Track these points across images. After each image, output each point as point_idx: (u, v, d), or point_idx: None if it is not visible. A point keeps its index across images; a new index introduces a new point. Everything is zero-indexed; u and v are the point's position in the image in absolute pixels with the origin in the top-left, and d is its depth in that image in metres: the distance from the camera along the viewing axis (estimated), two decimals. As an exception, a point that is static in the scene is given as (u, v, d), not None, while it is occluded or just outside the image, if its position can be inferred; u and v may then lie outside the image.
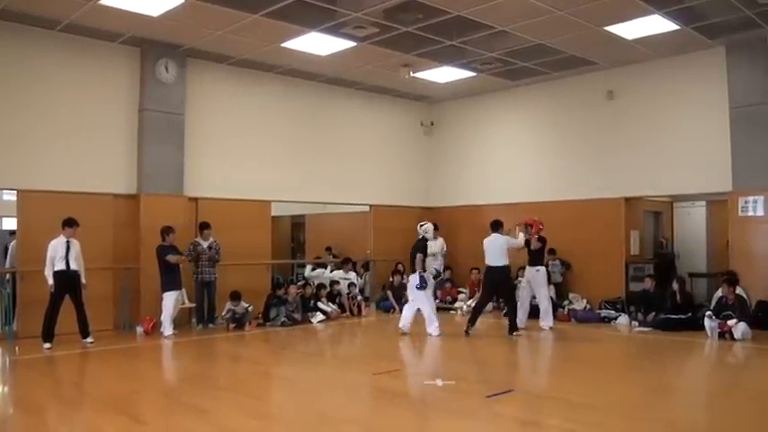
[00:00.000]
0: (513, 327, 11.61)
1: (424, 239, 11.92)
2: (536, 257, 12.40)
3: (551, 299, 13.96)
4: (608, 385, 8.16)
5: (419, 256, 11.57)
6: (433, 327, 11.51)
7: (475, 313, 11.96)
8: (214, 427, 6.28)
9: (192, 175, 13.21)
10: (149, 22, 11.28)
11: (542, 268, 12.51)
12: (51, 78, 11.72)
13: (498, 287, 12.08)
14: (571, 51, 13.15)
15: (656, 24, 11.49)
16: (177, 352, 10.85)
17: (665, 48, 12.81)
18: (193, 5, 10.59)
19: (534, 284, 12.42)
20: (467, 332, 11.65)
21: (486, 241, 11.82)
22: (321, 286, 14.30)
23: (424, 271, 11.61)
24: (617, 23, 11.53)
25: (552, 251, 14.52)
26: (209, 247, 12.56)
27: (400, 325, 11.75)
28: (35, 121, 11.49)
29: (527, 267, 12.48)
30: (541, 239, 12.36)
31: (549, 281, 14.43)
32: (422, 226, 12.05)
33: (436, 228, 15.52)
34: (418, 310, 11.72)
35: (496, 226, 11.88)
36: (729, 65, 12.59)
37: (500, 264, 11.64)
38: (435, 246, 15.87)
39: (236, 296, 12.57)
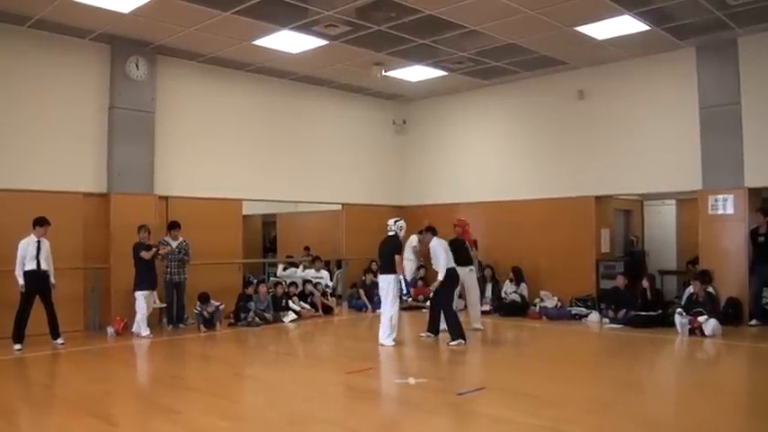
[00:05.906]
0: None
1: (398, 237, 10.80)
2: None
3: (523, 297, 14.16)
4: (579, 382, 8.24)
5: (398, 257, 10.49)
6: (390, 336, 10.46)
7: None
8: (186, 428, 6.23)
9: (163, 173, 13.08)
10: (120, 18, 11.15)
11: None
12: (19, 75, 11.53)
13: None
14: (542, 51, 13.22)
15: (626, 25, 11.58)
16: (148, 353, 10.75)
17: (635, 48, 12.92)
18: (164, 2, 10.49)
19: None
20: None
21: (446, 244, 11.11)
22: (293, 285, 14.23)
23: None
24: (588, 24, 11.61)
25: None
26: (179, 248, 12.47)
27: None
28: (3, 118, 11.31)
29: (462, 268, 11.53)
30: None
31: (521, 280, 14.56)
32: (397, 222, 10.93)
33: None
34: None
35: (435, 230, 11.17)
36: (699, 65, 12.73)
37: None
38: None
39: (204, 298, 12.31)
